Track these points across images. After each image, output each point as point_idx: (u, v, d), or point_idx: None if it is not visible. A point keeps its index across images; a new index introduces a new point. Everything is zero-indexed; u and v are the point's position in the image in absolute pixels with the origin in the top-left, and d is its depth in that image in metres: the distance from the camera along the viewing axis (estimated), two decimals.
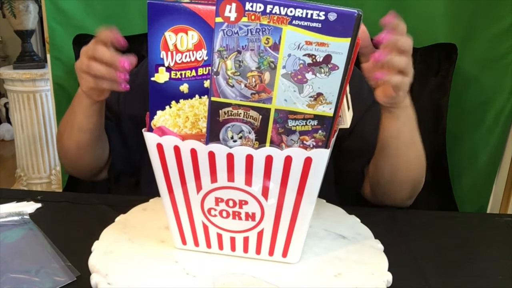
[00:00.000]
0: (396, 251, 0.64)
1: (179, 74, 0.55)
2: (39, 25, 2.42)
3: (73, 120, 0.77)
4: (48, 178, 2.42)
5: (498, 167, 1.14)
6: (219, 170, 0.54)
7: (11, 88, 2.29)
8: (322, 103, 0.50)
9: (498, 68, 1.07)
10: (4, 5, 2.22)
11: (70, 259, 0.60)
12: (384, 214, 0.77)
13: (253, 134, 0.52)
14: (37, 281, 0.55)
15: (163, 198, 0.58)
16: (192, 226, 0.59)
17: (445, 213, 0.91)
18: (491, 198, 1.15)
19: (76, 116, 0.76)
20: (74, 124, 0.77)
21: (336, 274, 0.58)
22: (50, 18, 1.13)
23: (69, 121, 0.78)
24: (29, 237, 0.66)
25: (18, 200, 0.77)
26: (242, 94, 0.50)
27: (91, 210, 0.76)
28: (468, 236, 0.73)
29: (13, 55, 2.91)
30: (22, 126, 2.31)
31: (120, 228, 0.67)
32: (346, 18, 0.46)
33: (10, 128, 3.39)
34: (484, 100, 1.09)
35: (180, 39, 0.53)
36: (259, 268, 0.59)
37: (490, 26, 1.05)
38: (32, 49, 2.41)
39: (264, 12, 0.46)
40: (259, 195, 0.55)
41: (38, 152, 2.35)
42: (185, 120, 0.55)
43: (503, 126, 1.09)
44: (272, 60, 0.48)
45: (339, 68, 0.48)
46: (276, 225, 0.57)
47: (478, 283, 0.59)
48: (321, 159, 0.52)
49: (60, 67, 1.16)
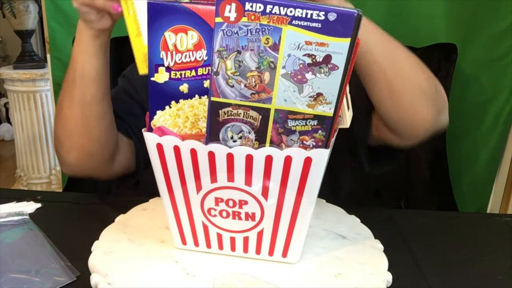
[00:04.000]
0: (396, 251, 0.64)
1: (178, 74, 0.55)
2: (39, 25, 2.42)
3: (75, 68, 0.69)
4: (48, 178, 2.42)
5: (498, 167, 1.14)
6: (219, 170, 0.54)
7: (11, 88, 2.29)
8: (322, 103, 0.50)
9: (498, 68, 1.07)
10: (4, 5, 2.22)
11: (70, 259, 0.60)
12: (384, 214, 0.77)
13: (253, 134, 0.52)
14: (37, 281, 0.55)
15: (163, 198, 0.58)
16: (192, 226, 0.59)
17: (445, 213, 0.91)
18: (491, 198, 1.15)
19: (78, 61, 0.68)
20: (76, 73, 0.69)
21: (336, 274, 0.58)
22: (50, 18, 1.13)
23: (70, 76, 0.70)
24: (29, 237, 0.66)
25: (18, 200, 0.77)
26: (242, 94, 0.50)
27: (91, 210, 0.76)
28: (468, 236, 0.73)
29: (13, 55, 2.92)
30: (22, 126, 2.31)
31: (120, 228, 0.67)
32: (346, 18, 0.46)
33: (10, 128, 3.39)
34: (484, 100, 1.10)
35: (180, 39, 0.53)
36: (259, 268, 0.59)
37: (490, 26, 1.05)
38: (32, 49, 2.42)
39: (264, 12, 0.46)
40: (259, 195, 0.55)
41: (38, 152, 2.36)
42: (185, 120, 0.55)
43: (503, 126, 1.09)
44: (272, 60, 0.48)
45: (339, 68, 0.48)
46: (276, 225, 0.57)
47: (478, 283, 0.59)
48: (321, 159, 0.52)
49: (60, 67, 1.16)
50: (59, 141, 0.74)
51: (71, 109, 0.71)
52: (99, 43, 0.68)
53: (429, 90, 0.69)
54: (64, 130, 0.73)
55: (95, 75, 0.69)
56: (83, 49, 0.68)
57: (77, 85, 0.69)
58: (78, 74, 0.69)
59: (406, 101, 0.68)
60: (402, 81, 0.67)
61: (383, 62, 0.66)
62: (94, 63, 0.68)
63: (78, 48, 0.68)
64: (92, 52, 0.67)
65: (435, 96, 0.70)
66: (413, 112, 0.69)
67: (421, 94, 0.68)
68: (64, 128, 0.73)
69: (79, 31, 0.67)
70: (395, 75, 0.66)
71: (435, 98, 0.70)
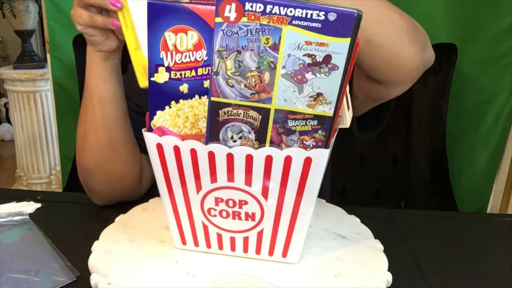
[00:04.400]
0: (396, 251, 0.64)
1: (178, 74, 0.55)
2: (39, 25, 2.42)
3: (91, 95, 0.70)
4: (48, 178, 2.42)
5: (498, 167, 1.14)
6: (219, 170, 0.54)
7: (11, 88, 2.29)
8: (322, 103, 0.50)
9: (498, 68, 1.07)
10: (4, 5, 2.23)
11: (70, 259, 0.60)
12: (384, 214, 0.77)
13: (253, 134, 0.52)
14: (37, 281, 0.55)
15: (163, 198, 0.58)
16: (192, 226, 0.59)
17: (445, 213, 0.91)
18: (491, 198, 1.15)
19: (92, 86, 0.70)
20: (93, 99, 0.70)
21: (336, 274, 0.58)
22: (50, 18, 1.13)
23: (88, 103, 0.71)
24: (29, 237, 0.66)
25: (18, 200, 0.77)
26: (242, 94, 0.50)
27: (91, 210, 0.76)
28: (468, 236, 0.73)
29: (13, 55, 2.92)
30: (22, 126, 2.31)
31: (120, 228, 0.67)
32: (346, 18, 0.46)
33: (10, 128, 3.39)
34: (484, 100, 1.10)
35: (180, 39, 0.53)
36: (259, 268, 0.59)
37: (490, 26, 1.05)
38: (32, 49, 2.42)
39: (264, 12, 0.46)
40: (259, 195, 0.55)
41: (38, 152, 2.36)
42: (184, 120, 0.55)
43: (503, 126, 1.09)
44: (272, 60, 0.48)
45: (339, 68, 0.48)
46: (276, 225, 0.57)
47: (478, 283, 0.59)
48: (321, 159, 0.52)
49: (60, 67, 1.17)
50: (86, 171, 0.74)
51: (95, 134, 0.72)
52: (110, 65, 0.69)
53: (406, 26, 0.65)
54: (92, 158, 0.73)
55: (112, 97, 0.71)
56: (95, 74, 0.69)
57: (96, 110, 0.71)
58: (95, 99, 0.70)
59: (385, 42, 0.64)
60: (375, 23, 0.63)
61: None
62: (109, 86, 0.70)
63: (91, 74, 0.70)
64: (105, 75, 0.69)
65: (414, 32, 0.66)
66: (396, 51, 0.65)
67: (399, 31, 0.65)
68: (91, 155, 0.73)
69: (89, 56, 0.69)
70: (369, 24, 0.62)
71: (415, 34, 0.66)
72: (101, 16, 0.64)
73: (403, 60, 0.66)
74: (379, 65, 0.67)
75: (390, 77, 0.69)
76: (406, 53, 0.65)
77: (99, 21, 0.63)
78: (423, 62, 0.68)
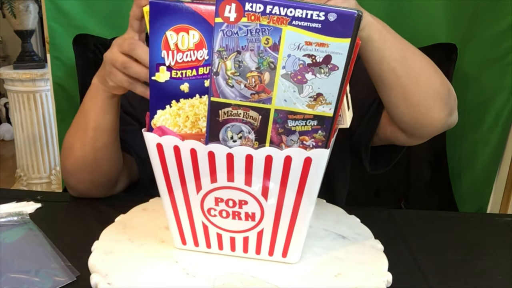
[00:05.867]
0: (396, 251, 0.64)
1: (179, 74, 0.55)
2: (39, 25, 2.42)
3: (88, 120, 0.71)
4: (48, 178, 2.42)
5: (498, 167, 1.14)
6: (219, 170, 0.54)
7: (11, 88, 2.29)
8: (322, 104, 0.50)
9: (498, 68, 1.07)
10: (4, 5, 2.23)
11: (70, 259, 0.60)
12: (384, 214, 0.77)
13: (252, 134, 0.52)
14: (37, 281, 0.55)
15: (163, 198, 0.58)
16: (192, 226, 0.59)
17: (445, 213, 0.91)
18: (491, 198, 1.15)
19: (91, 114, 0.71)
20: (89, 124, 0.71)
21: (336, 274, 0.58)
22: (50, 18, 1.13)
23: (82, 124, 0.73)
24: (29, 237, 0.66)
25: (18, 200, 0.77)
26: (242, 94, 0.50)
27: (91, 210, 0.76)
28: (468, 236, 0.73)
29: (13, 55, 2.92)
30: (22, 126, 2.31)
31: (120, 228, 0.67)
32: (346, 19, 0.46)
33: (10, 128, 3.39)
34: (484, 100, 1.09)
35: (181, 38, 0.53)
36: (259, 268, 0.59)
37: (490, 26, 1.05)
38: (32, 49, 2.42)
39: (264, 13, 0.46)
40: (259, 195, 0.55)
41: (38, 152, 2.36)
42: (185, 119, 0.55)
43: (503, 126, 1.09)
44: (272, 60, 0.48)
45: (339, 69, 0.48)
46: (276, 225, 0.57)
47: (478, 283, 0.59)
48: (321, 159, 0.52)
49: (60, 67, 1.16)
50: (68, 173, 0.77)
51: (82, 152, 0.74)
52: (114, 101, 0.70)
53: (442, 90, 0.69)
54: (74, 167, 0.76)
55: (108, 127, 0.72)
56: (98, 105, 0.70)
57: (89, 135, 0.72)
58: (91, 126, 0.72)
59: (420, 103, 0.68)
60: (417, 85, 0.67)
61: (399, 69, 0.65)
62: (108, 118, 0.71)
63: (93, 104, 0.70)
64: (106, 108, 0.70)
65: (448, 96, 0.70)
66: (427, 113, 0.69)
67: (435, 95, 0.68)
68: (74, 166, 0.75)
69: (95, 87, 0.69)
70: (410, 80, 0.66)
71: (448, 98, 0.70)
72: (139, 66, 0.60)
73: (430, 121, 0.70)
74: (408, 120, 0.71)
75: (415, 132, 0.73)
76: (435, 116, 0.69)
77: (138, 88, 0.61)
78: (447, 124, 0.72)
